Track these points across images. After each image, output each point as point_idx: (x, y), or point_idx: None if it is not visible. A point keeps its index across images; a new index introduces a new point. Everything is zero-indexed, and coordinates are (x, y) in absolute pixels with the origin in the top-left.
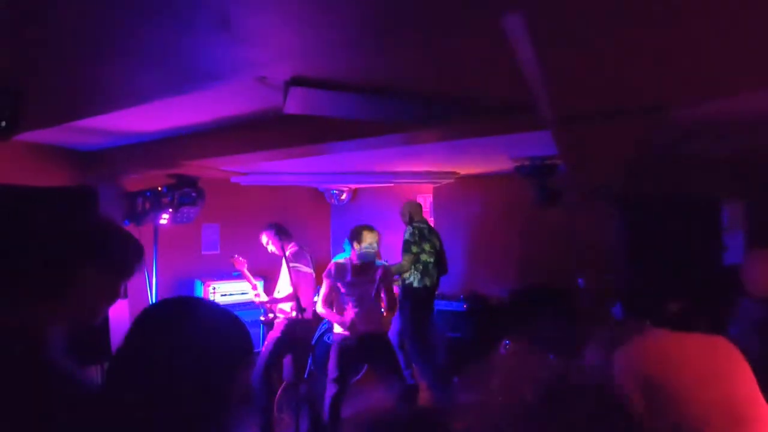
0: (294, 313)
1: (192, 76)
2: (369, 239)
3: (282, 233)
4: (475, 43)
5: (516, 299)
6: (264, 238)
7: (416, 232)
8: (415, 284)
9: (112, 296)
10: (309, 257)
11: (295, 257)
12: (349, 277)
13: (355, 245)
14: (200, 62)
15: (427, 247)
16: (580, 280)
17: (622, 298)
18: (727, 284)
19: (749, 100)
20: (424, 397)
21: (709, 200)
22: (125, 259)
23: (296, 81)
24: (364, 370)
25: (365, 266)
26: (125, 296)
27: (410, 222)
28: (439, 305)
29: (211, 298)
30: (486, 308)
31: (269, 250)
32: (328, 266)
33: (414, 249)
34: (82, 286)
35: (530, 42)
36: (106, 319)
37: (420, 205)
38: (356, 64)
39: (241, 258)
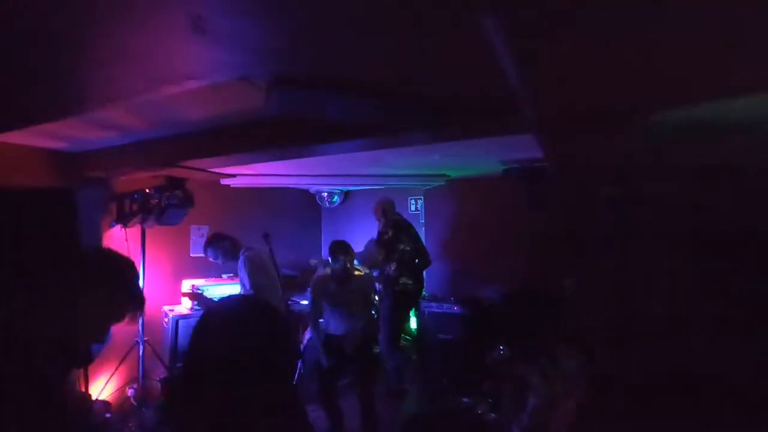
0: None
1: (170, 78)
2: (341, 256)
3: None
4: (458, 43)
5: (509, 303)
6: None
7: (390, 224)
8: (392, 274)
9: (117, 316)
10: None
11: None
12: (331, 289)
13: (330, 263)
14: (178, 64)
15: (403, 237)
16: (566, 282)
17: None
18: None
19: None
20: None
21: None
22: (122, 278)
23: (277, 81)
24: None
25: (345, 277)
26: (137, 321)
27: (383, 216)
28: (431, 307)
29: None
30: (478, 311)
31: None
32: (311, 282)
33: (394, 244)
34: (87, 313)
35: (510, 43)
36: None
37: (392, 203)
38: (336, 66)
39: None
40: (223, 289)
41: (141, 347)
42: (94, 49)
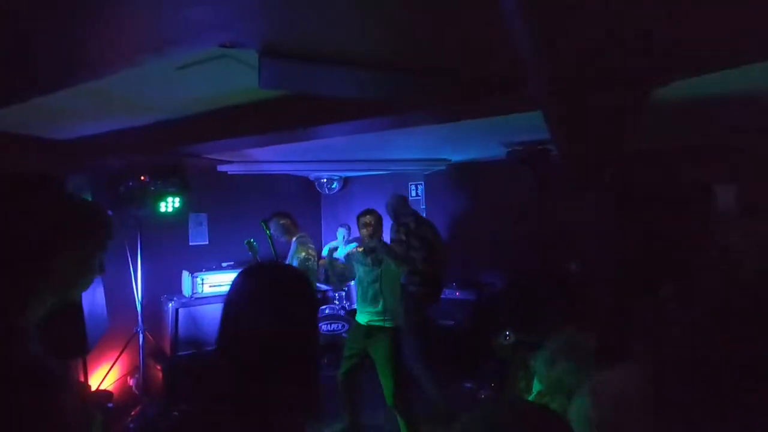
0: None
1: (146, 45)
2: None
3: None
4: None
5: (513, 287)
6: (275, 228)
7: (402, 228)
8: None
9: (89, 272)
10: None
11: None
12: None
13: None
14: (153, 27)
15: (413, 242)
16: (571, 266)
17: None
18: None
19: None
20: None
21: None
22: (95, 232)
23: (269, 51)
24: None
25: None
26: (102, 271)
27: (395, 218)
28: None
29: (199, 290)
30: (479, 296)
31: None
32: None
33: (397, 246)
34: (57, 267)
35: (519, 6)
36: (80, 313)
37: (401, 198)
38: (334, 31)
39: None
40: (221, 277)
41: (141, 336)
42: (64, 13)
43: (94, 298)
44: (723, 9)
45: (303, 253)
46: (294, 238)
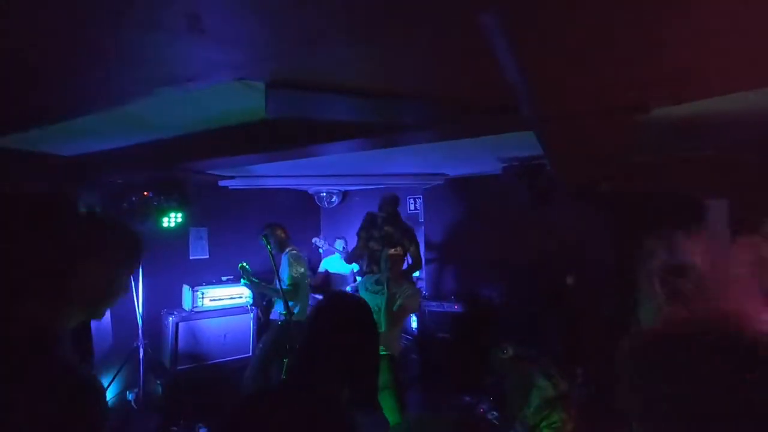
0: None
1: (167, 79)
2: None
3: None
4: (455, 42)
5: (510, 301)
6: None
7: (368, 218)
8: (364, 268)
9: (118, 290)
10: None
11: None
12: None
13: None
14: (174, 65)
15: (375, 233)
16: (568, 279)
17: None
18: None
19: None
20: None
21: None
22: (124, 250)
23: (276, 83)
24: None
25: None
26: (127, 290)
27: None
28: (431, 306)
29: (200, 304)
30: (478, 309)
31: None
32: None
33: (361, 234)
34: (84, 282)
35: (507, 42)
36: (88, 328)
37: (393, 196)
38: (337, 66)
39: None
40: (222, 291)
41: (141, 351)
42: (90, 49)
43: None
44: (694, 46)
45: (302, 269)
46: (285, 252)
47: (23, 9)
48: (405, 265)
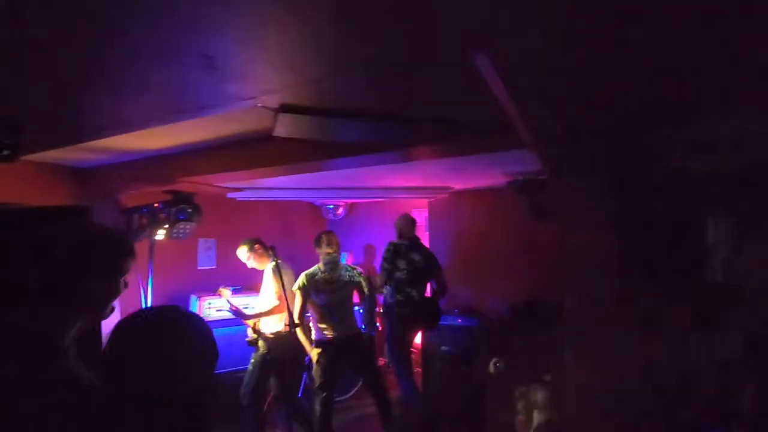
0: (284, 327)
1: (184, 108)
2: (325, 243)
3: (265, 247)
4: (453, 75)
5: (515, 315)
6: (244, 254)
7: (391, 248)
8: (388, 299)
9: (115, 293)
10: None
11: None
12: (321, 286)
13: (317, 251)
14: (191, 96)
15: (402, 264)
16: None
17: None
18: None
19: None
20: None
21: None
22: (123, 258)
23: (285, 108)
24: (355, 389)
25: (333, 272)
26: (126, 287)
27: (398, 237)
28: None
29: (206, 314)
30: (481, 323)
31: (250, 266)
32: (298, 279)
33: (385, 265)
34: (90, 291)
35: (499, 76)
36: (99, 336)
37: (412, 220)
38: (341, 96)
39: (224, 288)
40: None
41: None
42: (115, 82)
43: (111, 321)
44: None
45: (285, 280)
46: (268, 265)
47: (60, 45)
48: (429, 291)
